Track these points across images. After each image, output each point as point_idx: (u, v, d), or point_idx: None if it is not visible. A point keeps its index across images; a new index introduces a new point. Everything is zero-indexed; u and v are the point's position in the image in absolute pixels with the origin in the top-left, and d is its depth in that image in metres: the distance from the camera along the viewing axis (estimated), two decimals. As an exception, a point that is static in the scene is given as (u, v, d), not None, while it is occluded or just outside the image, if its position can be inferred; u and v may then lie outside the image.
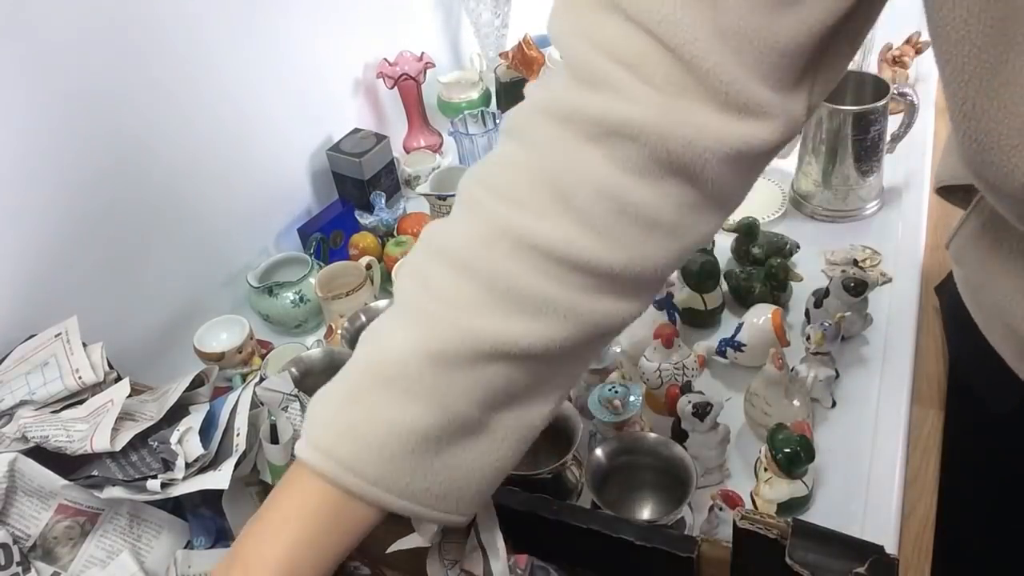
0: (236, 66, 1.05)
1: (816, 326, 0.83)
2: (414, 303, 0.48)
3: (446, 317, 0.46)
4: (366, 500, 0.47)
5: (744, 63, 0.43)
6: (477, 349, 0.46)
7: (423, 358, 0.46)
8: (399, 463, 0.46)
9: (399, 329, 0.48)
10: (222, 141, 1.05)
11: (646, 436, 0.73)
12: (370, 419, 0.46)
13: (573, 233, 0.45)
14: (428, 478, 0.47)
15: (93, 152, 0.88)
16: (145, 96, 0.93)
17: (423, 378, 0.46)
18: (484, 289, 0.46)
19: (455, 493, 0.48)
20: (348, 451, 0.46)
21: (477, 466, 0.48)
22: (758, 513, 0.51)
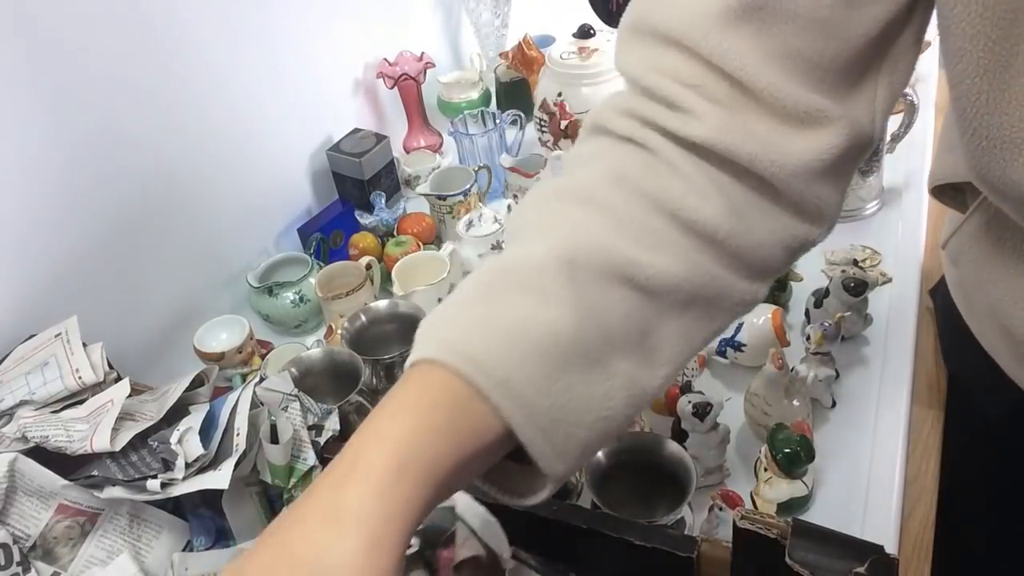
0: (236, 66, 1.05)
1: (816, 326, 0.83)
2: (543, 223, 0.47)
3: (580, 232, 0.45)
4: (490, 402, 0.41)
5: (794, 79, 0.45)
6: (609, 266, 0.44)
7: (560, 264, 0.43)
8: (529, 365, 0.41)
9: (530, 243, 0.46)
10: (222, 141, 1.05)
11: (646, 436, 0.73)
12: (503, 314, 0.42)
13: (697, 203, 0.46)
14: (550, 395, 0.42)
15: (93, 152, 0.88)
16: (145, 96, 0.93)
17: (559, 283, 0.43)
18: (612, 218, 0.46)
19: (564, 427, 0.43)
20: (478, 345, 0.41)
21: (589, 406, 0.44)
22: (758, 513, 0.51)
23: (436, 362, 0.41)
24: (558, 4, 1.55)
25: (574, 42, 1.22)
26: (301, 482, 0.65)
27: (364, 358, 0.82)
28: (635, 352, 0.46)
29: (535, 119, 1.27)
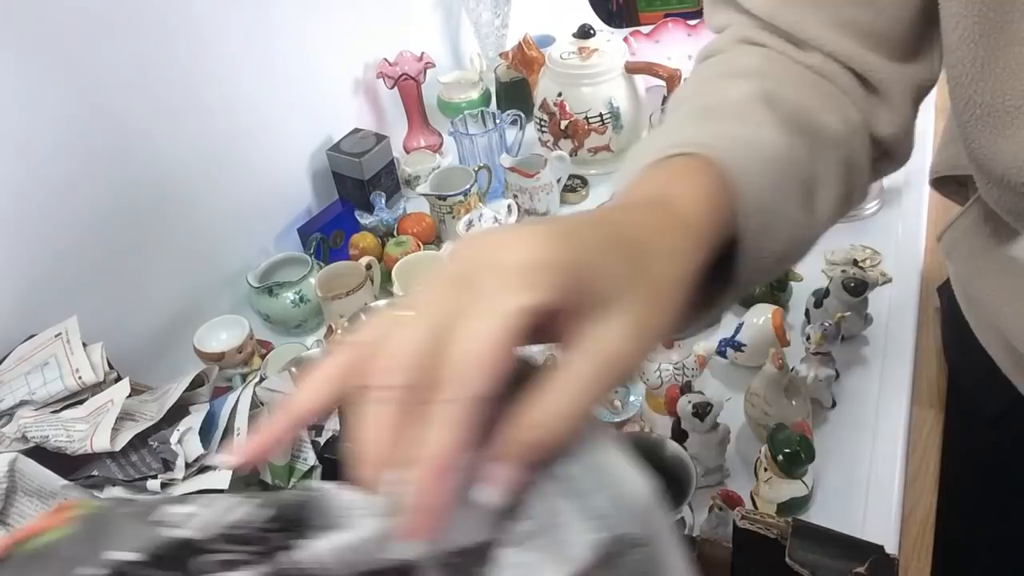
0: (236, 66, 1.05)
1: (816, 326, 0.83)
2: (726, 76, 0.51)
3: (767, 81, 0.49)
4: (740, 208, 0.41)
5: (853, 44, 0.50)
6: (795, 111, 0.47)
7: (761, 99, 0.47)
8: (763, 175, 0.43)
9: (723, 87, 0.49)
10: (222, 141, 1.05)
11: (646, 436, 0.73)
12: (731, 132, 0.44)
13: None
14: (773, 203, 0.43)
15: (93, 152, 0.88)
16: (145, 96, 0.93)
17: (767, 115, 0.46)
18: (786, 80, 0.50)
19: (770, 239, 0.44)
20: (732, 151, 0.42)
21: (788, 224, 0.45)
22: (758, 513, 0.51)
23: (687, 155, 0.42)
24: (558, 4, 1.55)
25: (574, 42, 1.22)
26: (301, 482, 0.65)
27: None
28: (806, 205, 0.48)
29: (535, 119, 1.27)
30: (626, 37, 1.41)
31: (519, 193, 1.17)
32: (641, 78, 1.25)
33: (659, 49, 1.41)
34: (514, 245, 0.31)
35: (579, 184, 1.24)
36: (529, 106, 1.30)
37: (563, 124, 1.22)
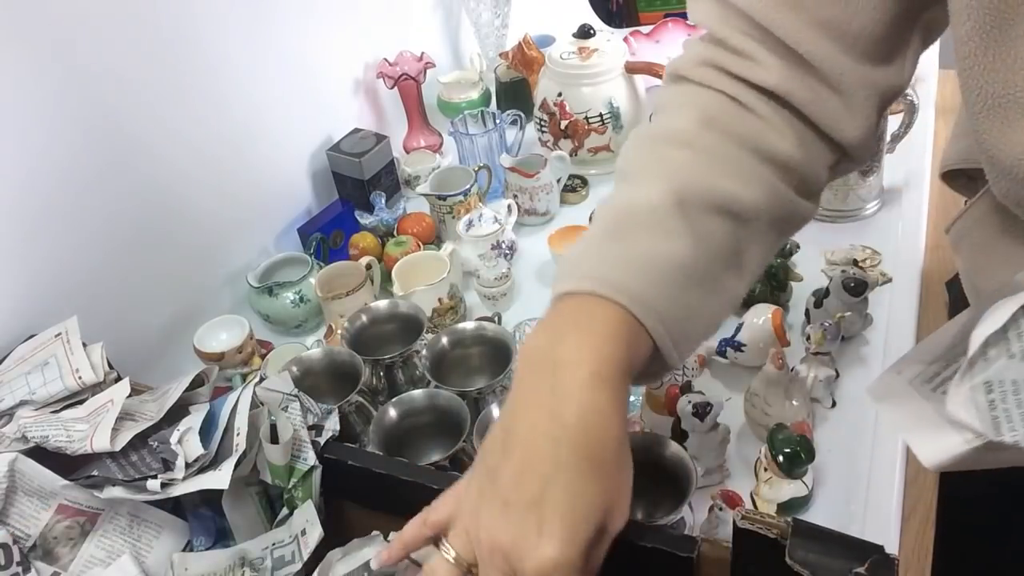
0: (236, 66, 1.05)
1: (816, 326, 0.83)
2: (650, 167, 0.54)
3: (684, 173, 0.53)
4: (646, 328, 0.49)
5: (830, 44, 0.52)
6: (712, 200, 0.52)
7: (673, 203, 0.51)
8: (665, 292, 0.50)
9: (642, 186, 0.53)
10: (222, 141, 1.05)
11: (646, 436, 0.73)
12: (637, 251, 0.50)
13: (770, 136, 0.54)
14: (680, 311, 0.50)
15: (93, 152, 0.88)
16: (145, 96, 0.93)
17: (674, 220, 0.51)
18: (708, 158, 0.53)
19: (688, 336, 0.51)
20: (627, 280, 0.49)
21: (704, 315, 0.53)
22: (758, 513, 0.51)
23: (598, 295, 0.49)
24: (558, 4, 1.55)
25: (574, 42, 1.22)
26: (301, 482, 0.65)
27: (364, 358, 0.82)
28: (730, 267, 0.54)
29: (535, 119, 1.27)
30: (626, 37, 1.41)
31: (519, 193, 1.17)
32: (641, 78, 1.25)
33: (659, 49, 1.42)
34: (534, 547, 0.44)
35: (579, 184, 1.24)
36: (529, 106, 1.30)
37: (563, 124, 1.22)
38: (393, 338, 0.89)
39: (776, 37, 0.52)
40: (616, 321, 0.48)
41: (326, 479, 0.66)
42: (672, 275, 0.50)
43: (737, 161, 0.53)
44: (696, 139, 0.54)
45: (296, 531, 0.63)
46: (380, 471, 0.65)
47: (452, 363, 0.85)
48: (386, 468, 0.65)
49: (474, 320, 0.94)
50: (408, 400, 0.77)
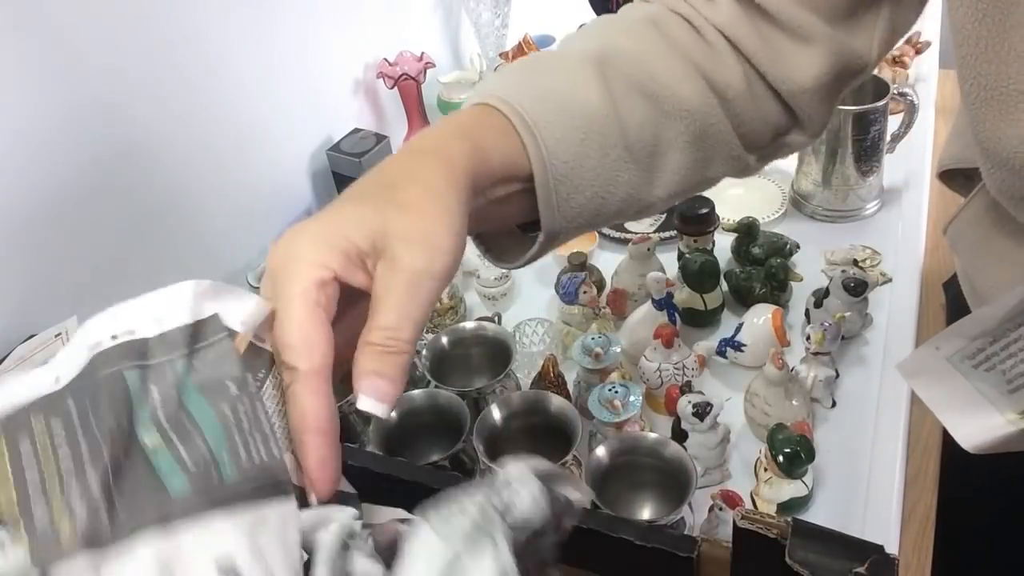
0: (236, 66, 1.05)
1: (816, 326, 0.83)
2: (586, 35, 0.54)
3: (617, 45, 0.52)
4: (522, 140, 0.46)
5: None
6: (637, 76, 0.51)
7: (596, 61, 0.50)
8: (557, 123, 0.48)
9: (572, 43, 0.53)
10: (222, 141, 1.05)
11: (646, 436, 0.73)
12: (544, 83, 0.49)
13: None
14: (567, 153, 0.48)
15: (93, 152, 0.88)
16: (145, 96, 0.93)
17: (591, 75, 0.50)
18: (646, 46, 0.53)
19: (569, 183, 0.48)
20: (519, 98, 0.47)
21: (594, 179, 0.49)
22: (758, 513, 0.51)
23: (487, 105, 0.47)
24: (558, 4, 1.55)
25: (574, 42, 1.22)
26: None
27: (364, 358, 0.81)
28: (640, 164, 0.52)
29: (535, 119, 1.27)
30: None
31: (519, 193, 1.17)
32: (641, 78, 1.25)
33: (659, 49, 1.41)
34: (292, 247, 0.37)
35: (579, 184, 1.24)
36: (529, 106, 1.30)
37: (563, 124, 1.22)
38: (393, 338, 0.89)
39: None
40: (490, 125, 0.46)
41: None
42: (573, 116, 0.48)
43: (672, 60, 0.52)
44: (638, 28, 0.53)
45: None
46: (380, 471, 0.65)
47: (452, 363, 0.85)
48: (386, 468, 0.65)
49: (474, 320, 0.94)
50: (408, 400, 0.77)
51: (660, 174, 0.53)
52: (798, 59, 0.53)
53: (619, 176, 0.51)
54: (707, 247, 0.98)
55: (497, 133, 0.46)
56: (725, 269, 1.00)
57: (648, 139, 0.51)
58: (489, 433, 0.73)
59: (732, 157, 0.56)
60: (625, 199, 0.52)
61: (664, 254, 1.03)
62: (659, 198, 0.54)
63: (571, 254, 0.97)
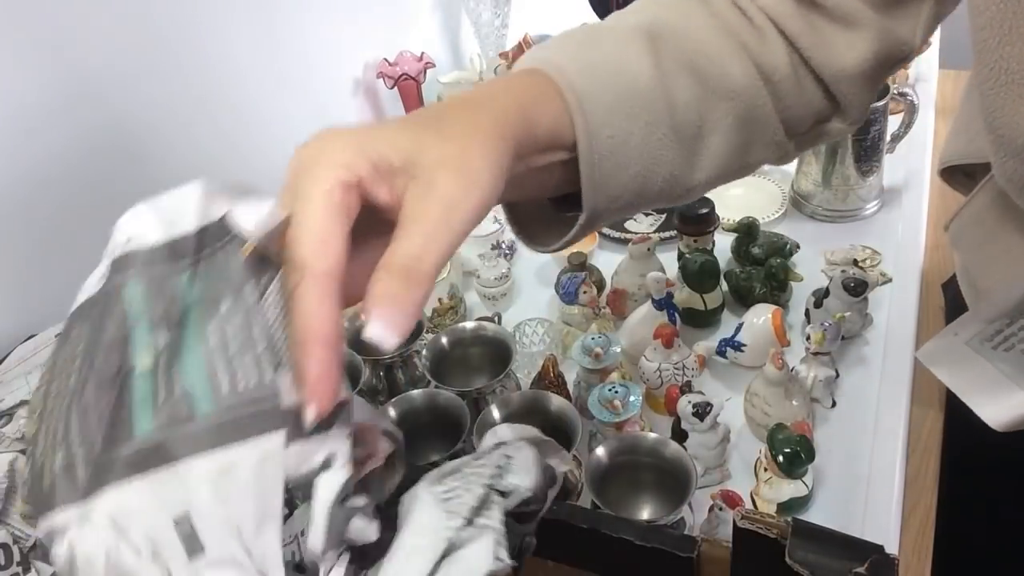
0: (235, 66, 1.05)
1: (816, 326, 0.83)
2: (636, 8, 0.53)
3: (668, 19, 0.51)
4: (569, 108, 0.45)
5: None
6: (688, 53, 0.50)
7: (647, 34, 0.49)
8: (606, 94, 0.47)
9: (624, 15, 0.52)
10: (222, 141, 1.05)
11: (646, 436, 0.73)
12: (596, 53, 0.48)
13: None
14: (612, 127, 0.47)
15: (93, 153, 0.88)
16: (145, 96, 0.93)
17: (643, 47, 0.49)
18: (696, 23, 0.52)
19: (612, 160, 0.47)
20: (569, 66, 0.46)
21: (639, 156, 0.48)
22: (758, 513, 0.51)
23: (537, 71, 0.46)
24: (558, 4, 1.55)
25: (574, 42, 1.22)
26: (301, 482, 0.65)
27: (364, 358, 0.82)
28: (684, 145, 0.50)
29: (535, 119, 1.27)
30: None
31: (519, 193, 1.17)
32: (641, 78, 1.25)
33: (659, 49, 1.41)
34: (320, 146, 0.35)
35: (579, 184, 1.24)
36: (529, 106, 1.30)
37: (563, 124, 1.22)
38: (393, 338, 0.89)
39: None
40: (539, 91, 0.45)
41: (326, 479, 0.66)
42: (622, 87, 0.47)
43: (721, 41, 0.51)
44: (692, 9, 0.52)
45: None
46: (380, 471, 0.65)
47: (452, 363, 0.85)
48: (386, 468, 0.65)
49: (474, 320, 0.94)
50: (408, 400, 0.77)
51: (702, 157, 0.52)
52: (843, 44, 0.52)
53: (663, 155, 0.49)
54: (707, 247, 0.98)
55: (545, 100, 0.45)
56: (725, 269, 1.00)
57: (693, 119, 0.50)
58: (489, 433, 0.73)
59: (774, 143, 0.55)
60: (668, 179, 0.50)
61: (664, 254, 1.03)
62: (699, 182, 0.52)
63: (571, 254, 0.97)
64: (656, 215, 1.17)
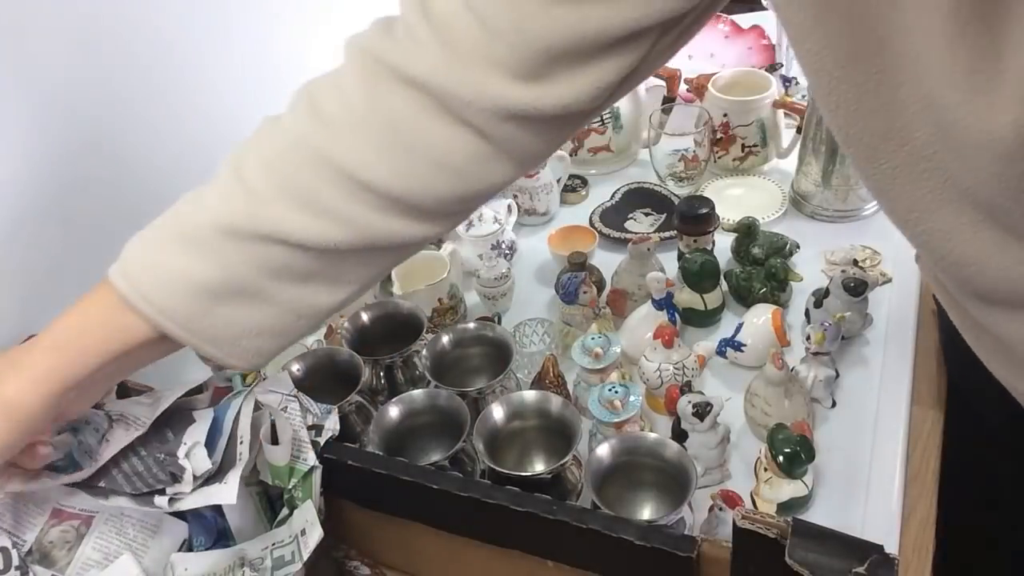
0: (233, 67, 1.05)
1: (816, 326, 0.83)
2: (225, 180, 0.58)
3: (240, 199, 0.56)
4: (151, 323, 0.57)
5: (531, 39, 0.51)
6: (258, 231, 0.56)
7: (215, 227, 0.56)
8: (185, 302, 0.56)
9: (209, 197, 0.58)
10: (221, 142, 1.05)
11: (646, 436, 0.73)
12: (168, 264, 0.56)
13: (366, 156, 0.55)
14: (207, 321, 0.57)
15: (92, 153, 0.88)
16: (144, 96, 0.93)
17: (211, 243, 0.56)
18: (276, 184, 0.56)
19: (231, 341, 0.58)
20: (148, 284, 0.56)
21: (254, 325, 0.58)
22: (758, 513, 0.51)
23: (114, 287, 0.56)
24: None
25: (574, 42, 1.22)
26: (301, 482, 0.65)
27: (364, 358, 0.82)
28: (302, 284, 0.58)
29: (535, 119, 1.27)
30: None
31: (519, 193, 1.17)
32: (641, 78, 1.25)
33: (659, 49, 1.41)
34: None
35: (579, 184, 1.24)
36: (529, 106, 1.30)
37: (563, 124, 1.22)
38: (393, 338, 0.89)
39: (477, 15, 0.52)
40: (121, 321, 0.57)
41: (326, 479, 0.66)
42: (196, 292, 0.56)
43: (313, 191, 0.56)
44: (277, 159, 0.57)
45: (296, 531, 0.63)
46: (380, 471, 0.65)
47: (452, 363, 0.85)
48: (386, 468, 0.65)
49: (474, 320, 0.93)
50: (408, 400, 0.77)
51: (342, 281, 0.60)
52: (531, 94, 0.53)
53: (280, 307, 0.59)
54: (707, 247, 0.98)
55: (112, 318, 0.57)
56: (725, 269, 1.00)
57: (303, 270, 0.58)
58: (489, 433, 0.73)
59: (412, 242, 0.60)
60: (301, 314, 0.60)
61: (664, 254, 1.03)
62: (347, 294, 0.61)
63: (571, 254, 0.97)
64: (656, 215, 1.17)
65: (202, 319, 0.57)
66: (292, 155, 0.56)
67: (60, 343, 0.56)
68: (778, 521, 0.50)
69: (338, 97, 0.57)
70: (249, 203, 0.56)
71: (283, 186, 0.56)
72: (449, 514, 0.65)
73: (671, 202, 1.17)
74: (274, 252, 0.56)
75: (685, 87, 1.29)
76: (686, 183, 1.15)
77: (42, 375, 0.55)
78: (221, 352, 0.59)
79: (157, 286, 0.56)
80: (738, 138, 1.18)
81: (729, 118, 1.17)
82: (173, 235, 0.57)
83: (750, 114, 1.16)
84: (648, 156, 1.17)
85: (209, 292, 0.56)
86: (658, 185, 1.20)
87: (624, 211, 1.18)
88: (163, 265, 0.56)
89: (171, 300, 0.56)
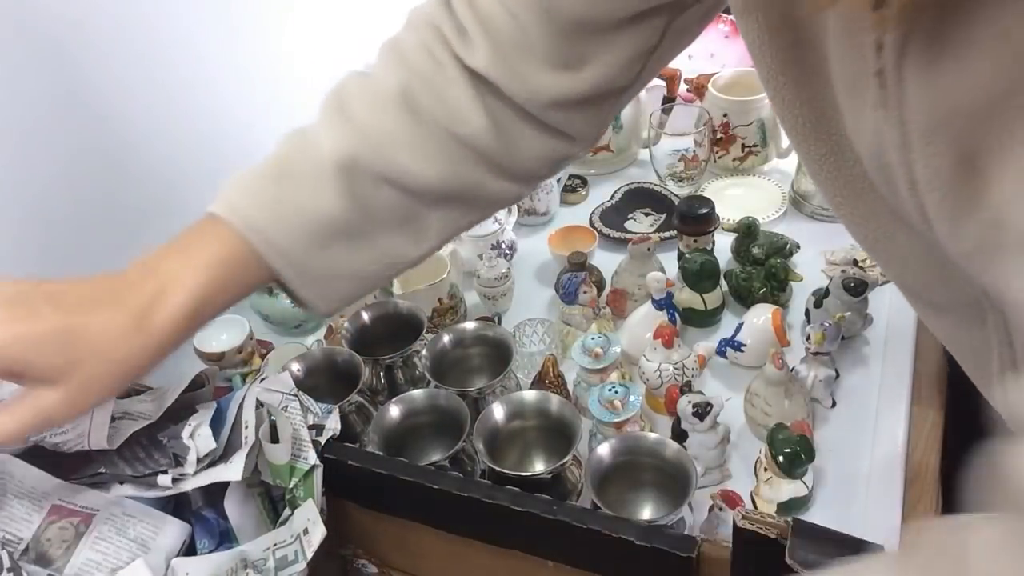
0: (233, 67, 1.05)
1: (816, 326, 0.83)
2: (333, 123, 0.59)
3: (356, 138, 0.58)
4: (269, 265, 0.57)
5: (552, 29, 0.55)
6: (373, 168, 0.57)
7: (340, 164, 0.57)
8: (302, 238, 0.57)
9: (324, 136, 0.59)
10: (221, 142, 1.05)
11: (646, 436, 0.73)
12: (287, 196, 0.57)
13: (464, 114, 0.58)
14: (318, 259, 0.58)
15: (92, 153, 0.88)
16: (144, 96, 0.93)
17: (335, 180, 0.57)
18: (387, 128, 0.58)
19: (327, 282, 0.60)
20: (262, 218, 0.57)
21: (351, 267, 0.60)
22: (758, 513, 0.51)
23: (228, 223, 0.57)
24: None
25: (574, 42, 1.22)
26: (302, 481, 0.65)
27: (364, 358, 0.82)
28: (400, 231, 0.60)
29: (535, 119, 1.27)
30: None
31: (519, 193, 1.17)
32: (641, 78, 1.25)
33: (659, 49, 1.41)
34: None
35: (579, 184, 1.24)
36: (529, 106, 1.30)
37: (563, 124, 1.22)
38: (393, 338, 0.89)
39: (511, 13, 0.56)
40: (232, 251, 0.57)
41: (326, 479, 0.66)
42: (316, 227, 0.57)
43: (416, 136, 0.58)
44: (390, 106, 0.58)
45: (298, 531, 0.63)
46: (380, 471, 0.65)
47: (452, 363, 0.85)
48: (386, 468, 0.65)
49: (474, 320, 0.93)
50: (408, 400, 0.77)
51: (424, 234, 0.62)
52: (555, 81, 0.57)
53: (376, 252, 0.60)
54: (707, 247, 0.97)
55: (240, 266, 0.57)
56: (725, 269, 1.00)
57: (402, 214, 0.60)
58: (489, 433, 0.73)
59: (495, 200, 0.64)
60: (388, 264, 0.62)
61: (664, 254, 1.03)
62: (428, 249, 0.63)
63: (571, 254, 0.97)
64: (656, 215, 1.17)
65: (314, 258, 0.58)
66: (394, 104, 0.58)
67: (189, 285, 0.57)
68: (778, 521, 0.50)
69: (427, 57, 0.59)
70: (363, 142, 0.57)
71: (392, 131, 0.58)
72: (449, 514, 0.65)
73: (671, 202, 1.17)
74: (384, 193, 0.58)
75: (685, 87, 1.29)
76: (686, 183, 1.15)
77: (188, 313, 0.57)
78: (313, 292, 0.59)
79: (276, 219, 0.57)
80: (738, 138, 1.18)
81: (729, 118, 1.17)
82: (288, 171, 0.58)
83: (750, 114, 1.16)
84: (648, 156, 1.17)
85: (329, 228, 0.57)
86: (658, 185, 1.20)
87: (624, 211, 1.18)
88: (284, 203, 0.57)
89: (295, 238, 0.57)
